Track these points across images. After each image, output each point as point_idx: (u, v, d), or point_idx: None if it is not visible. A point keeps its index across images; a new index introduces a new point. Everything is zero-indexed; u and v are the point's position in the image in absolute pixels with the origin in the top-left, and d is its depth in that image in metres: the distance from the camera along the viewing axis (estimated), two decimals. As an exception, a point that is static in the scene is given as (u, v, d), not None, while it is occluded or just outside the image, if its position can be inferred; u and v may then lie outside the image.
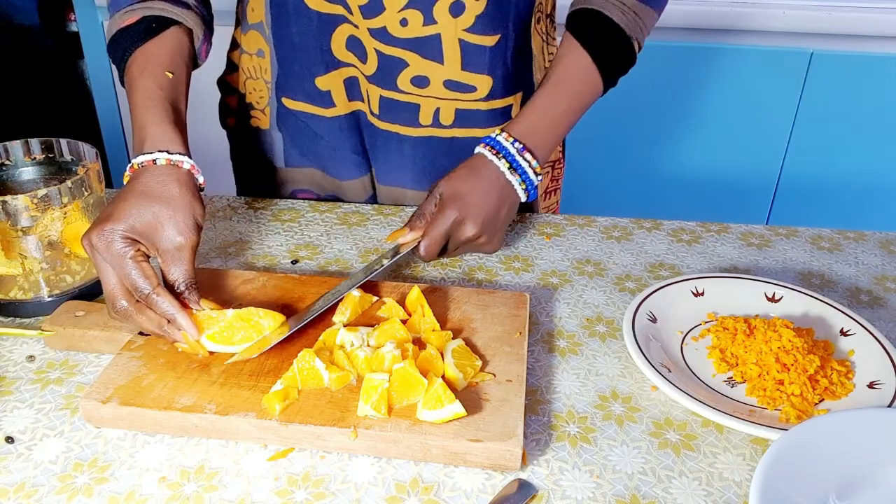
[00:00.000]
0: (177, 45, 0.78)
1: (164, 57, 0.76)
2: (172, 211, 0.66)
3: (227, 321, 0.65)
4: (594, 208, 1.02)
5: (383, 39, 0.84)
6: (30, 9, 2.02)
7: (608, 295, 0.79)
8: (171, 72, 0.75)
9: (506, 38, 0.87)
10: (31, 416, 0.62)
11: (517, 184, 0.79)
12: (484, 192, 0.78)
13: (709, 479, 0.57)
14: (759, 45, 1.64)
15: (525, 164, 0.79)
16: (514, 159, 0.79)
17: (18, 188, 0.78)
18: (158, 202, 0.66)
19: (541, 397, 0.65)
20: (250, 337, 0.65)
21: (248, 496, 0.55)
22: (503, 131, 0.80)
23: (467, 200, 0.77)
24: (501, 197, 0.79)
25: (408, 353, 0.63)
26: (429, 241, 0.76)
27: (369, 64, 0.86)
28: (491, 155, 0.79)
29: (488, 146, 0.80)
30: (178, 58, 0.77)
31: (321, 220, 0.92)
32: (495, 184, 0.78)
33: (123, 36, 0.77)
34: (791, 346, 0.66)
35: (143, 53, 0.76)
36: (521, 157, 0.79)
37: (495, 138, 0.80)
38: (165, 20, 0.78)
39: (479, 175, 0.78)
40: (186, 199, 0.67)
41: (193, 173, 0.70)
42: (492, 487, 0.56)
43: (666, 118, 1.73)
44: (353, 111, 0.92)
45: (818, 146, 1.74)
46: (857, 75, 1.65)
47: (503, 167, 0.78)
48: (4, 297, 0.73)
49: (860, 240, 0.91)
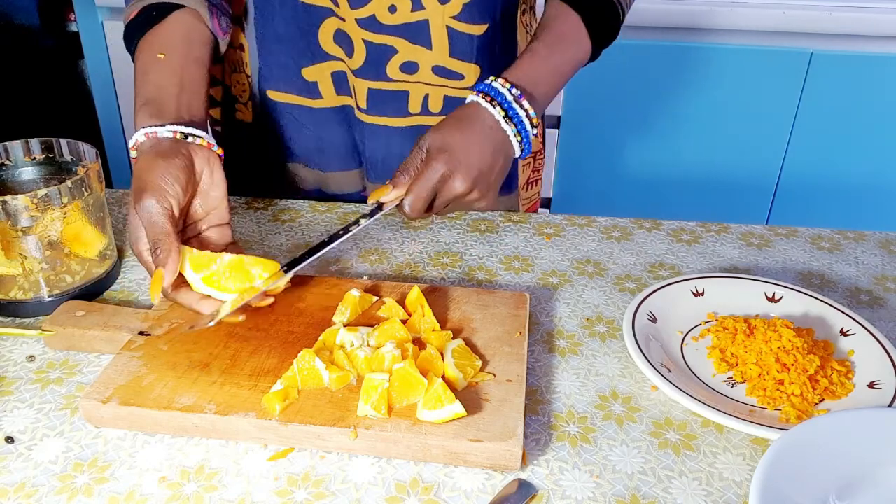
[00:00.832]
0: (179, 28, 0.78)
1: (162, 41, 0.76)
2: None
3: (222, 266, 0.65)
4: (594, 208, 1.02)
5: (371, 28, 0.84)
6: (30, 9, 2.02)
7: (608, 295, 0.79)
8: (162, 53, 0.75)
9: (493, 29, 0.86)
10: (31, 416, 0.62)
11: (512, 135, 0.74)
12: (476, 144, 0.72)
13: (709, 479, 0.57)
14: (759, 45, 1.64)
15: (522, 113, 0.73)
16: (510, 106, 0.73)
17: (18, 188, 0.78)
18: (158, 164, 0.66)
19: (541, 397, 0.65)
20: (242, 288, 0.65)
21: (248, 496, 0.55)
22: (499, 77, 0.75)
23: (457, 153, 0.71)
24: (495, 149, 0.73)
25: (408, 353, 0.63)
26: (413, 198, 0.70)
27: (356, 57, 0.86)
28: (485, 102, 0.73)
29: (482, 93, 0.74)
30: (178, 39, 0.77)
31: (321, 221, 0.92)
32: (489, 135, 0.72)
33: (129, 29, 0.79)
34: (791, 346, 0.66)
35: (144, 41, 0.77)
36: (519, 104, 0.73)
37: (490, 84, 0.74)
38: (165, 6, 0.78)
39: (471, 124, 0.72)
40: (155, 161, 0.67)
41: (167, 137, 0.69)
42: (492, 487, 0.56)
43: (666, 118, 1.73)
44: (341, 105, 0.92)
45: (818, 146, 1.74)
46: (857, 75, 1.65)
47: (498, 115, 0.73)
48: (4, 297, 0.73)
49: (860, 240, 0.91)
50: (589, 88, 1.69)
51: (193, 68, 0.76)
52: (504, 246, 0.87)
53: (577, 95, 1.70)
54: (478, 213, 0.94)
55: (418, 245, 0.87)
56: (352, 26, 0.84)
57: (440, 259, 0.84)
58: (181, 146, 0.68)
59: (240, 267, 0.65)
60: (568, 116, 1.73)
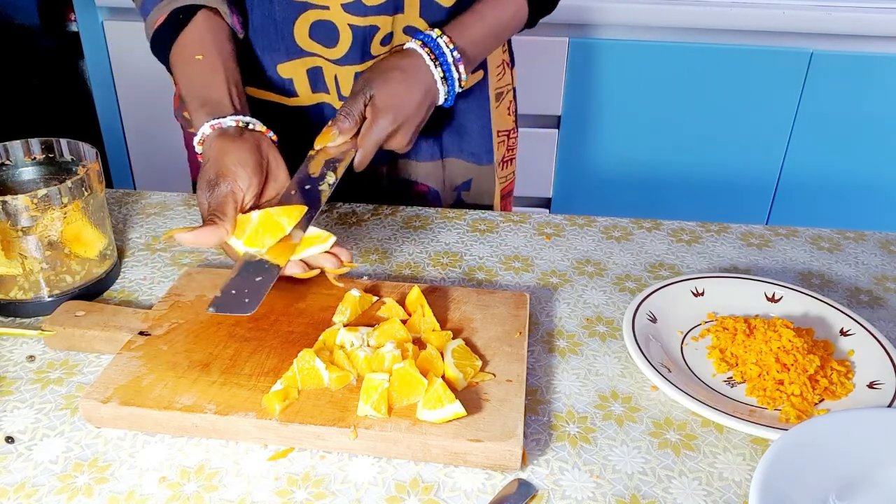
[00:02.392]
0: (207, 29, 0.79)
1: (195, 44, 0.77)
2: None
3: (256, 225, 0.66)
4: (594, 208, 1.02)
5: (358, 12, 0.84)
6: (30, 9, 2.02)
7: (608, 295, 0.79)
8: (200, 55, 0.76)
9: (461, 2, 0.87)
10: (32, 416, 0.62)
11: (442, 94, 0.79)
12: (418, 101, 0.77)
13: (709, 479, 0.57)
14: (759, 45, 1.64)
15: (456, 76, 0.79)
16: (448, 68, 0.78)
17: (18, 188, 0.78)
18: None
19: (541, 397, 0.65)
20: (275, 239, 0.66)
21: (248, 496, 0.55)
22: (444, 34, 0.79)
23: (403, 110, 0.76)
24: (430, 105, 0.79)
25: (408, 353, 0.63)
26: (363, 154, 0.75)
27: (340, 45, 0.86)
28: (429, 60, 0.78)
29: (427, 47, 0.78)
30: (209, 39, 0.78)
31: (321, 221, 0.92)
32: (428, 93, 0.78)
33: (158, 36, 0.79)
34: (791, 346, 0.66)
35: (177, 45, 0.78)
36: (456, 67, 0.78)
37: (436, 40, 0.79)
38: (190, 8, 0.78)
39: (415, 81, 0.77)
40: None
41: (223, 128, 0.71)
42: (492, 487, 0.56)
43: (666, 118, 1.73)
44: (317, 103, 0.92)
45: (818, 146, 1.74)
46: (857, 75, 1.65)
47: (437, 76, 0.78)
48: (4, 297, 0.73)
49: (860, 240, 0.91)
50: (589, 88, 1.69)
51: (231, 64, 0.78)
52: (504, 246, 0.87)
53: (577, 95, 1.70)
54: (478, 213, 0.94)
55: (418, 245, 0.87)
56: (336, 14, 0.84)
57: (440, 259, 0.84)
58: (245, 134, 0.71)
59: (269, 221, 0.66)
60: (568, 116, 1.73)
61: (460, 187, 1.02)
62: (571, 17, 1.61)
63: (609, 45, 1.65)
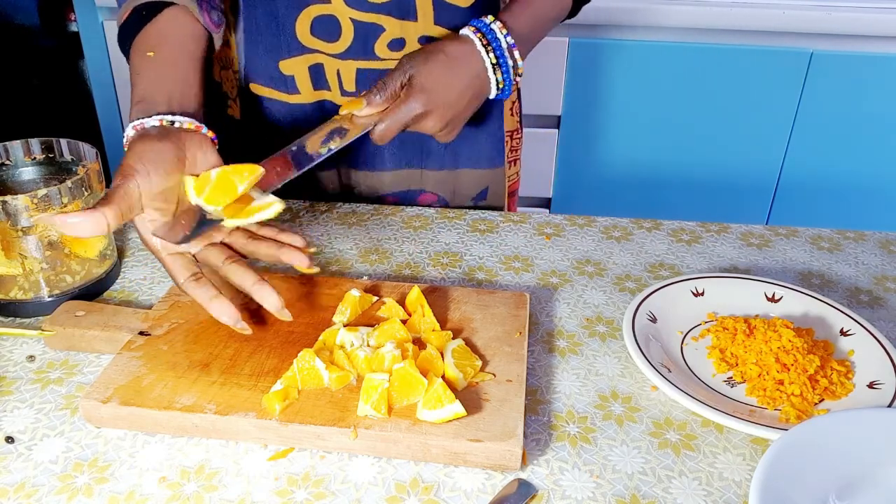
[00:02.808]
0: (168, 25, 0.77)
1: (152, 39, 0.75)
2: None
3: (214, 182, 0.64)
4: (594, 208, 1.02)
5: (360, 7, 0.83)
6: (30, 9, 2.02)
7: (608, 295, 0.79)
8: (152, 51, 0.74)
9: (480, 1, 0.86)
10: (31, 416, 0.62)
11: (495, 82, 0.74)
12: (459, 90, 0.72)
13: (709, 479, 0.57)
14: (759, 45, 1.64)
15: (511, 63, 0.74)
16: (502, 54, 0.73)
17: (18, 188, 0.78)
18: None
19: (541, 397, 0.65)
20: (229, 197, 0.64)
21: (248, 496, 0.55)
22: (497, 20, 0.74)
23: (440, 95, 0.72)
24: (475, 94, 0.74)
25: (408, 353, 0.63)
26: (385, 128, 0.72)
27: (342, 40, 0.85)
28: (480, 45, 0.73)
29: (480, 32, 0.74)
30: (167, 36, 0.76)
31: (321, 221, 0.92)
32: (474, 81, 0.73)
33: (122, 31, 0.78)
34: (791, 346, 0.66)
35: (135, 42, 0.76)
36: (510, 54, 0.73)
37: (489, 25, 0.74)
38: (155, 5, 0.77)
39: (461, 68, 0.73)
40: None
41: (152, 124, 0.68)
42: (492, 487, 0.56)
43: (666, 118, 1.73)
44: (318, 101, 0.92)
45: (818, 146, 1.74)
46: (857, 75, 1.65)
47: (489, 63, 0.73)
48: (4, 297, 0.73)
49: (860, 240, 0.91)
50: (589, 88, 1.69)
51: (184, 62, 0.75)
52: (504, 246, 0.87)
53: (577, 95, 1.70)
54: (478, 213, 0.94)
55: (418, 245, 0.87)
56: (339, 7, 0.84)
57: (440, 259, 0.84)
58: (169, 132, 0.67)
59: (225, 179, 0.64)
60: (568, 116, 1.73)
61: (476, 198, 1.01)
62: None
63: (609, 45, 1.65)
